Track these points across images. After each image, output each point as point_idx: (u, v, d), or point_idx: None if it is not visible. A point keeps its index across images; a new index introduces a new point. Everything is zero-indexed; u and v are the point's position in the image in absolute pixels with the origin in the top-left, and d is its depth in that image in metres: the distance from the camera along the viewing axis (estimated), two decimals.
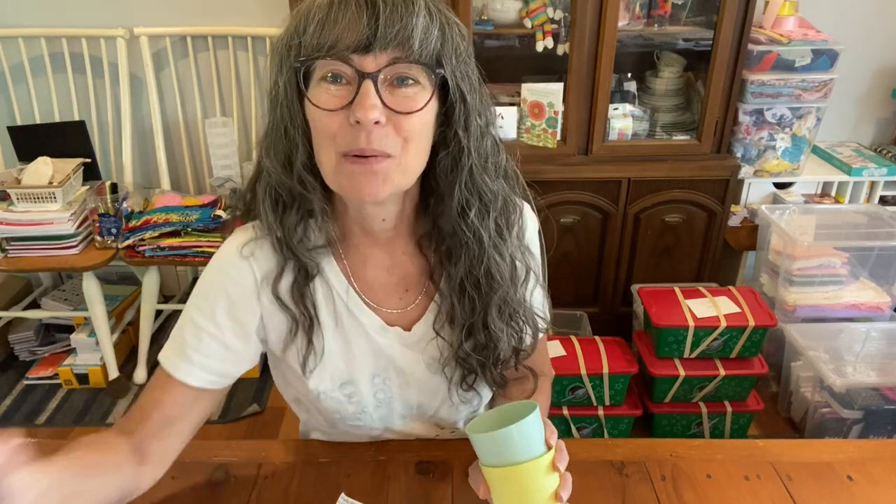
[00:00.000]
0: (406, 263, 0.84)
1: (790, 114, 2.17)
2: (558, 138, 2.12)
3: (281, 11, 2.10)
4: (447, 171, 0.75)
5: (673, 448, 0.92)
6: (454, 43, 0.69)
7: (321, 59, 0.66)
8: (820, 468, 0.89)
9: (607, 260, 2.25)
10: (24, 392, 2.27)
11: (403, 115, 0.67)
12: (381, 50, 0.64)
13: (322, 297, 0.81)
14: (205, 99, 2.41)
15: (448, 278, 0.82)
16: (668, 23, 2.08)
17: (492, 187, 0.77)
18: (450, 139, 0.73)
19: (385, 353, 0.84)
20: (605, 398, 1.90)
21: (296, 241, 0.77)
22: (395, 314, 0.84)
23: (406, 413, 0.90)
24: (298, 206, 0.75)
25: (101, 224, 2.06)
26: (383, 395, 0.86)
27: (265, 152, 0.75)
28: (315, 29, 0.65)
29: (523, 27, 2.04)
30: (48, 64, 2.27)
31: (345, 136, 0.67)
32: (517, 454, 0.69)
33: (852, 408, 1.93)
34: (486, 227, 0.78)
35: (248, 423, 2.15)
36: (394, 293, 0.84)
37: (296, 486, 0.86)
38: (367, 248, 0.82)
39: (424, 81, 0.68)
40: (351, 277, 0.82)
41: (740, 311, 1.90)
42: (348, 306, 0.82)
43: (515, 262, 0.82)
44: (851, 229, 2.19)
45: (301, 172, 0.73)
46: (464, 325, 0.82)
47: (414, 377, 0.86)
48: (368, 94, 0.64)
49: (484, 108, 0.75)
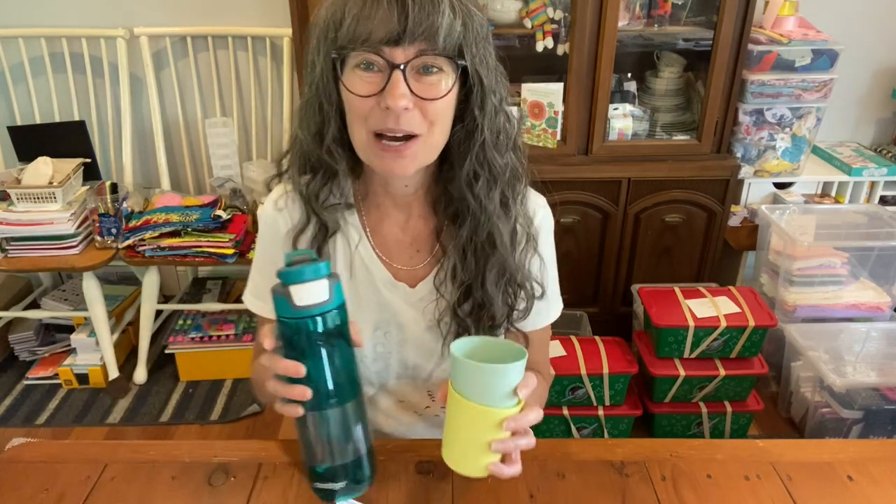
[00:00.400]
0: (420, 224, 0.91)
1: (790, 114, 2.17)
2: (558, 138, 2.12)
3: (281, 11, 2.10)
4: (460, 142, 0.82)
5: (673, 448, 0.92)
6: (474, 33, 0.75)
7: (356, 51, 0.73)
8: (820, 468, 0.89)
9: (607, 260, 2.25)
10: (24, 392, 2.27)
11: (429, 101, 0.75)
12: (409, 43, 0.72)
13: (340, 250, 0.90)
14: (205, 99, 2.41)
15: (453, 239, 0.88)
16: (668, 23, 2.08)
17: (500, 161, 0.83)
18: (466, 115, 0.80)
19: (389, 307, 0.91)
20: (605, 398, 1.90)
21: (319, 202, 0.85)
22: (403, 270, 0.91)
23: (402, 373, 0.95)
24: (324, 171, 0.84)
25: (101, 224, 2.07)
26: (382, 349, 0.92)
27: (299, 124, 0.84)
28: (351, 22, 0.72)
29: (523, 27, 2.04)
30: (48, 64, 2.27)
31: (376, 117, 0.75)
32: (480, 393, 0.69)
33: (852, 408, 1.93)
34: (492, 197, 0.84)
35: (248, 423, 2.15)
36: (406, 251, 0.91)
37: (296, 486, 0.86)
38: (387, 208, 0.90)
39: (447, 69, 0.75)
40: (368, 233, 0.90)
41: (740, 311, 1.90)
42: (363, 259, 0.90)
43: (516, 229, 0.88)
44: (851, 229, 2.19)
45: (331, 145, 0.81)
46: (463, 282, 0.88)
47: (413, 335, 0.92)
48: (398, 83, 0.72)
49: (499, 86, 0.81)
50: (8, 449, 0.93)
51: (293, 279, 0.66)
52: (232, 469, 0.89)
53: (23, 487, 0.86)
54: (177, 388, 2.28)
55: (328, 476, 0.74)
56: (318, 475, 0.75)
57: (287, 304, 0.66)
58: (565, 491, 0.85)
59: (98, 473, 0.88)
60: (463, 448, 0.73)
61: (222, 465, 0.89)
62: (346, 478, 0.74)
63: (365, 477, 0.76)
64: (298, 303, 0.66)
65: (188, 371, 2.30)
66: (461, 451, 0.74)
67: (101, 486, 0.86)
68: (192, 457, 0.90)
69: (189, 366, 2.30)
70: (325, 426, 0.71)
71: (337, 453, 0.73)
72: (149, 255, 2.06)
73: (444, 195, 0.87)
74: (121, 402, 2.22)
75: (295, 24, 1.96)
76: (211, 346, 2.26)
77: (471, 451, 0.73)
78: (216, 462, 0.90)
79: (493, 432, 0.70)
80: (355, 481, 0.75)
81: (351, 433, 0.72)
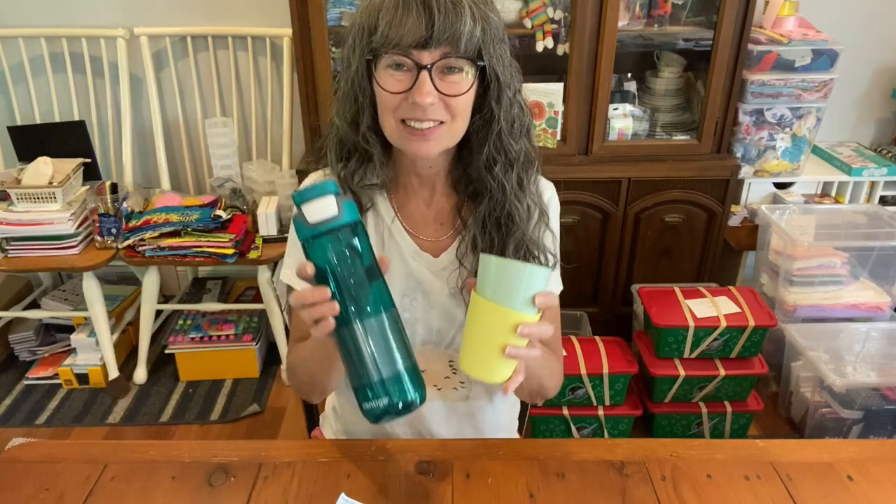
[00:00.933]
0: (443, 201, 1.01)
1: (790, 114, 2.17)
2: (558, 138, 2.12)
3: (281, 11, 2.10)
4: (478, 130, 0.92)
5: (673, 448, 0.92)
6: (492, 35, 0.85)
7: (388, 53, 0.83)
8: (820, 468, 0.89)
9: (607, 260, 2.25)
10: (24, 392, 2.27)
11: (452, 97, 0.85)
12: (435, 47, 0.82)
13: (372, 226, 0.99)
14: (205, 99, 2.41)
15: (473, 214, 0.97)
16: (668, 23, 2.08)
17: (515, 147, 0.93)
18: (484, 107, 0.90)
19: (415, 276, 0.99)
20: (605, 398, 1.90)
21: (356, 181, 0.95)
22: (428, 242, 1.00)
23: (427, 338, 1.01)
24: (359, 155, 0.95)
25: (101, 224, 2.07)
26: (409, 315, 0.99)
27: (336, 113, 0.94)
28: (384, 28, 0.82)
29: (523, 27, 2.04)
30: (48, 64, 2.27)
31: (405, 108, 0.86)
32: (502, 293, 0.73)
33: (852, 408, 1.93)
34: (510, 178, 0.94)
35: (248, 423, 2.15)
36: (430, 224, 1.01)
37: (296, 486, 0.86)
38: (414, 187, 1.00)
39: (468, 69, 0.85)
40: (397, 209, 1.00)
41: (740, 311, 1.90)
42: (392, 232, 0.99)
43: (531, 207, 0.97)
44: (851, 229, 2.19)
45: (366, 132, 0.92)
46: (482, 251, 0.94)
47: (437, 301, 0.99)
48: (425, 82, 0.83)
49: (513, 80, 0.91)
50: (8, 449, 0.93)
51: (303, 198, 0.71)
52: (232, 469, 0.89)
53: (23, 487, 0.86)
54: (177, 388, 2.28)
55: (370, 393, 0.74)
56: (360, 393, 0.75)
57: (301, 225, 0.71)
58: (565, 491, 0.85)
59: (98, 473, 0.88)
60: (479, 351, 0.77)
61: (222, 465, 0.89)
62: (388, 394, 0.73)
63: (409, 393, 0.74)
64: (311, 219, 0.71)
65: (188, 371, 2.30)
66: (477, 354, 0.77)
67: (101, 486, 0.86)
68: (192, 457, 0.90)
69: (189, 366, 2.30)
70: (357, 340, 0.73)
71: (373, 368, 0.73)
72: (149, 255, 2.06)
73: (464, 176, 0.97)
74: (121, 402, 2.22)
75: (295, 24, 1.96)
76: (211, 346, 2.26)
77: (486, 354, 0.76)
78: (216, 462, 0.90)
79: (509, 335, 0.74)
80: (401, 398, 0.74)
81: (385, 346, 0.73)
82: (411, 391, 0.74)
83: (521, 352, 0.75)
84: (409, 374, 0.74)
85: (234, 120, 2.34)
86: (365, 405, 0.74)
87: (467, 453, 0.91)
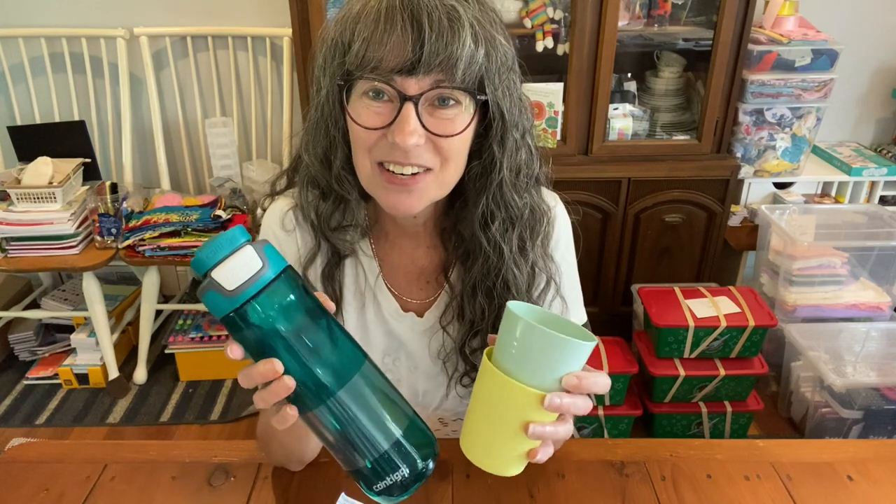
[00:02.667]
0: (428, 255, 0.86)
1: (790, 114, 2.17)
2: (558, 138, 2.12)
3: (281, 11, 2.10)
4: (476, 178, 0.75)
5: (673, 448, 0.92)
6: (497, 63, 0.68)
7: (363, 78, 0.66)
8: (820, 468, 0.89)
9: (607, 260, 2.25)
10: (24, 392, 2.27)
11: (443, 137, 0.68)
12: (424, 74, 0.65)
13: (350, 276, 0.85)
14: (205, 99, 2.41)
15: (461, 279, 0.83)
16: (668, 23, 2.08)
17: (519, 202, 0.77)
18: (484, 150, 0.74)
19: (397, 336, 0.87)
20: (605, 398, 1.90)
21: (331, 227, 0.79)
22: (412, 302, 0.87)
23: (413, 400, 0.89)
24: (335, 196, 0.78)
25: (101, 224, 2.06)
26: (392, 376, 0.86)
27: (304, 147, 0.77)
28: (360, 46, 0.65)
29: (523, 27, 2.04)
30: (48, 64, 2.27)
31: (383, 148, 0.69)
32: (531, 370, 0.58)
33: (852, 408, 1.93)
34: (509, 239, 0.78)
35: (248, 423, 2.15)
36: (415, 282, 0.87)
37: (296, 486, 0.86)
38: (396, 236, 0.85)
39: (466, 102, 0.68)
40: (378, 262, 0.86)
41: (740, 311, 1.90)
42: (372, 288, 0.86)
43: (535, 272, 0.82)
44: (851, 229, 2.19)
45: (340, 171, 0.75)
46: (472, 322, 0.83)
47: (422, 363, 0.89)
48: (409, 118, 0.65)
49: (522, 118, 0.74)
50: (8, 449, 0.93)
51: (211, 260, 0.53)
52: (232, 469, 0.89)
53: (23, 487, 0.86)
54: (177, 388, 2.28)
55: (373, 476, 0.60)
56: (361, 479, 0.61)
57: (220, 297, 0.53)
58: (565, 491, 0.85)
59: (98, 473, 0.88)
60: (491, 437, 0.62)
61: (222, 465, 0.89)
62: (395, 470, 0.59)
63: (418, 459, 0.60)
64: (230, 286, 0.53)
65: (188, 371, 2.30)
66: (488, 441, 0.63)
67: (101, 486, 0.86)
68: (192, 457, 0.90)
69: (189, 366, 2.29)
70: (334, 419, 0.57)
71: (365, 447, 0.58)
72: (149, 255, 2.06)
73: (455, 232, 0.81)
74: (121, 402, 2.22)
75: (295, 24, 1.96)
76: (211, 346, 2.26)
77: (501, 442, 0.62)
78: (216, 462, 0.90)
79: (532, 413, 0.59)
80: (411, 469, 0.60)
81: (373, 414, 0.58)
82: (419, 456, 0.60)
83: (547, 430, 0.60)
84: (411, 435, 0.59)
85: (234, 120, 2.34)
86: (370, 491, 0.60)
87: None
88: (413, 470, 0.59)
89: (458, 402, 0.91)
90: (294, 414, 0.57)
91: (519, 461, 0.63)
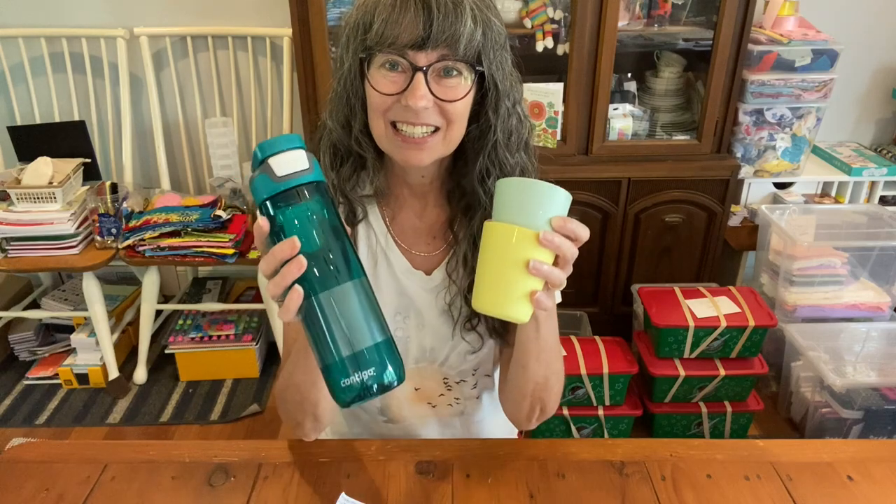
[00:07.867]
0: (435, 213, 0.97)
1: (790, 114, 2.17)
2: (558, 138, 2.12)
3: (281, 11, 2.10)
4: (474, 140, 0.88)
5: (673, 448, 0.92)
6: (493, 41, 0.81)
7: (382, 52, 0.79)
8: (820, 468, 0.89)
9: (607, 260, 2.25)
10: (24, 392, 2.27)
11: (448, 102, 0.81)
12: (432, 48, 0.78)
13: (363, 238, 0.95)
14: (205, 99, 2.41)
15: (465, 229, 0.94)
16: (668, 23, 2.08)
17: (511, 161, 0.90)
18: (481, 115, 0.86)
19: (407, 294, 0.96)
20: (605, 398, 1.90)
21: (349, 188, 0.91)
22: (420, 257, 0.97)
23: (420, 356, 0.98)
24: (353, 160, 0.91)
25: (101, 224, 2.07)
26: (402, 334, 0.96)
27: (328, 115, 0.90)
28: (380, 26, 0.78)
29: (523, 27, 2.04)
30: (48, 64, 2.27)
31: (397, 110, 0.81)
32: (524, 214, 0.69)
33: (852, 408, 1.93)
34: None
35: (248, 423, 2.15)
36: (423, 238, 0.97)
37: (296, 486, 0.86)
38: (406, 197, 0.96)
39: (466, 74, 0.81)
40: (389, 221, 0.96)
41: (740, 311, 1.90)
42: (384, 247, 0.95)
43: None
44: (851, 229, 2.19)
45: (358, 135, 0.88)
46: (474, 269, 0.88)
47: (429, 319, 0.96)
48: (420, 84, 0.78)
49: (513, 90, 0.87)
50: (8, 449, 0.93)
51: (271, 149, 0.65)
52: (232, 469, 0.89)
53: (23, 487, 0.86)
54: (177, 388, 2.28)
55: (341, 372, 0.64)
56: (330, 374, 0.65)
57: (268, 180, 0.64)
58: (565, 491, 0.85)
59: (98, 473, 0.88)
60: (496, 283, 0.71)
61: (222, 465, 0.89)
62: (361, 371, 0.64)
63: (385, 368, 0.65)
64: (280, 172, 0.64)
65: (188, 371, 2.30)
66: (494, 286, 0.71)
67: (101, 486, 0.86)
68: (192, 457, 0.90)
69: (189, 366, 2.30)
70: (325, 310, 0.64)
71: (343, 342, 0.64)
72: (149, 255, 2.06)
73: (458, 188, 0.93)
74: (121, 402, 2.22)
75: (295, 24, 1.96)
76: (211, 346, 2.26)
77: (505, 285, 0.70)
78: (216, 462, 0.90)
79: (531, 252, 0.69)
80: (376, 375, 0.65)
81: (357, 316, 0.65)
82: (388, 367, 0.65)
83: (544, 268, 0.71)
84: (385, 347, 0.66)
85: (234, 120, 2.34)
86: (335, 386, 0.65)
87: (467, 453, 0.91)
88: (380, 375, 0.65)
89: (461, 360, 0.98)
90: (299, 295, 0.64)
91: (524, 302, 0.71)
